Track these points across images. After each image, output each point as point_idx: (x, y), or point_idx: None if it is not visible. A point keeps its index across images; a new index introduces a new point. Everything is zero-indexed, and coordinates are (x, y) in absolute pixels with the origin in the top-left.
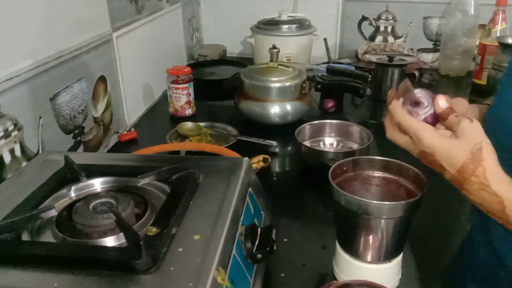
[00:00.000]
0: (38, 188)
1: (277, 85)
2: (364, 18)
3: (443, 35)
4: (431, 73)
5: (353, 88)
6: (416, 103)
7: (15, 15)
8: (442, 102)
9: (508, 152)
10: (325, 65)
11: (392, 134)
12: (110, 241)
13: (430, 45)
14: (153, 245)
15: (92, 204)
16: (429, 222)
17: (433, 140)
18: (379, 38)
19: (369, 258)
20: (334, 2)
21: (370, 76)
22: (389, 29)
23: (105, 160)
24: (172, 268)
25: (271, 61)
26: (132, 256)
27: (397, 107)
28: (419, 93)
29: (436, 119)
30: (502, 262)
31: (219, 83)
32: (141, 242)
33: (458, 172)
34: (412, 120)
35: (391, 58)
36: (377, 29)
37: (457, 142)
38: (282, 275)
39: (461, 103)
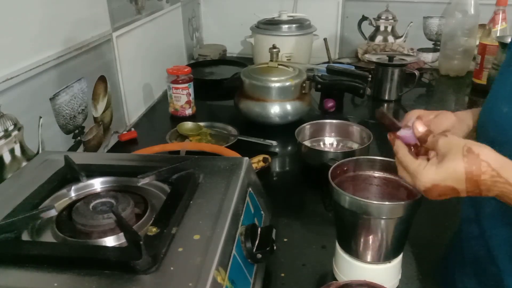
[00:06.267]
0: (38, 188)
1: (277, 85)
2: (364, 18)
3: (443, 35)
4: (431, 73)
5: (353, 88)
6: None
7: (15, 15)
8: (420, 127)
9: (498, 145)
10: (325, 65)
11: (401, 172)
12: (110, 241)
13: (430, 45)
14: (153, 245)
15: (92, 204)
16: (429, 222)
17: (429, 173)
18: (379, 38)
19: (369, 258)
20: (334, 2)
21: (370, 76)
22: (389, 29)
23: (105, 160)
24: (172, 268)
25: (271, 61)
26: (132, 256)
27: (400, 148)
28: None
29: None
30: (492, 254)
31: (219, 83)
32: (141, 242)
33: (468, 181)
34: (409, 161)
35: (391, 58)
36: (377, 29)
37: (447, 159)
38: (282, 275)
39: (445, 116)
